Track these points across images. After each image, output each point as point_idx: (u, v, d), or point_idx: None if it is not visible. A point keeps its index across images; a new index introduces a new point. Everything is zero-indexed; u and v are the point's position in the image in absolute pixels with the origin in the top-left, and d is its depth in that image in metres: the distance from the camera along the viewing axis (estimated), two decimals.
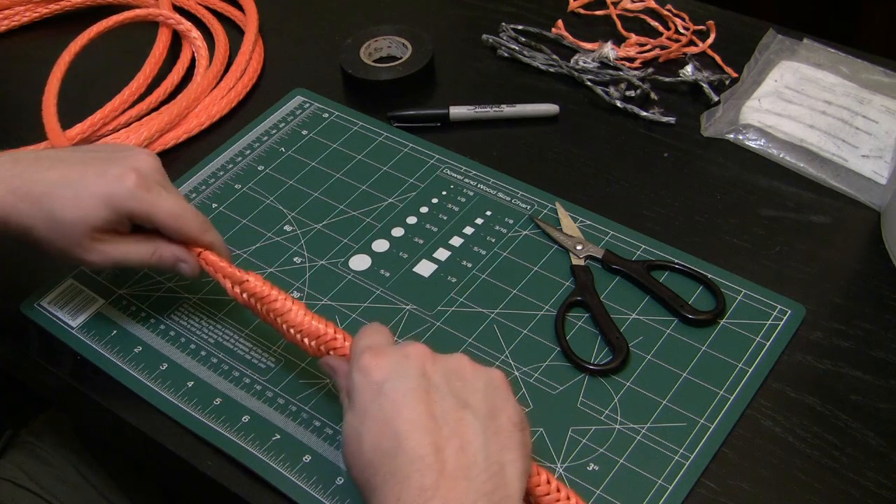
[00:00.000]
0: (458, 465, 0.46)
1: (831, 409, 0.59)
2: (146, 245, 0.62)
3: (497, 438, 0.48)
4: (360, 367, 0.50)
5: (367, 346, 0.52)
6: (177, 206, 0.61)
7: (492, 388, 0.50)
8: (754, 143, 0.75)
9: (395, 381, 0.49)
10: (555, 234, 0.69)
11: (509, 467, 0.47)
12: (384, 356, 0.50)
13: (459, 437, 0.47)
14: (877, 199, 0.71)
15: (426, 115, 0.80)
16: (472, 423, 0.48)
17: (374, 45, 0.85)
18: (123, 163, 0.61)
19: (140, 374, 0.63)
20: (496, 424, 0.48)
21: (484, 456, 0.47)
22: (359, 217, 0.73)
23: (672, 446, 0.57)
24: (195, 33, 0.86)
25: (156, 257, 0.62)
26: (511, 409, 0.50)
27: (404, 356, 0.50)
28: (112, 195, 0.59)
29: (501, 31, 0.87)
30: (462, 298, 0.66)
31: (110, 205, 0.59)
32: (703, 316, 0.63)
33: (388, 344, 0.53)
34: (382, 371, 0.49)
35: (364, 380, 0.50)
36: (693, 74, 0.80)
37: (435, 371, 0.50)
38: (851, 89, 0.78)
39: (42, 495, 0.77)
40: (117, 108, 0.80)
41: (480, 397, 0.49)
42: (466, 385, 0.50)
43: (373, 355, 0.51)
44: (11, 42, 0.93)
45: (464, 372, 0.50)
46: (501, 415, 0.49)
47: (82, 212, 0.59)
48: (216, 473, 0.59)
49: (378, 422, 0.48)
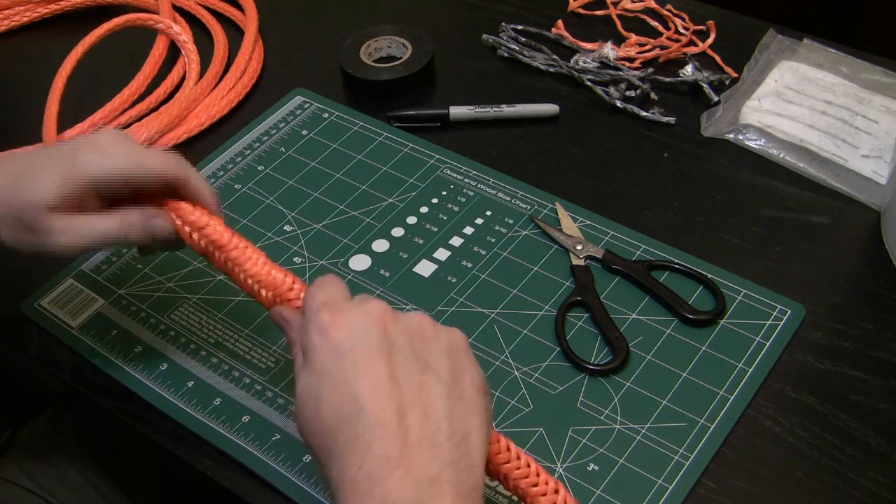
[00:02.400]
0: (423, 432, 0.44)
1: (831, 409, 0.59)
2: (114, 215, 0.57)
3: (461, 404, 0.46)
4: (317, 324, 0.48)
5: (323, 302, 0.49)
6: (137, 150, 0.57)
7: (454, 349, 0.48)
8: (754, 143, 0.75)
9: (355, 342, 0.47)
10: (555, 234, 0.69)
11: (473, 435, 0.46)
12: (344, 313, 0.48)
13: (423, 403, 0.45)
14: (877, 199, 0.71)
15: (426, 115, 0.80)
16: (435, 387, 0.46)
17: (374, 45, 0.85)
18: (80, 140, 0.58)
19: (140, 374, 0.63)
20: (459, 389, 0.47)
21: (448, 423, 0.45)
22: (359, 217, 0.73)
23: (672, 446, 0.57)
24: (185, 36, 0.86)
25: (125, 224, 0.56)
26: (474, 371, 0.48)
27: (365, 314, 0.48)
28: (68, 165, 0.55)
29: (501, 31, 0.87)
30: (462, 298, 0.66)
31: (66, 175, 0.55)
32: (703, 316, 0.63)
33: (346, 299, 0.50)
34: (342, 330, 0.47)
35: (322, 339, 0.47)
36: (693, 74, 0.80)
37: (396, 331, 0.48)
38: (851, 89, 0.78)
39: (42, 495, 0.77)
40: (117, 109, 0.80)
41: (444, 360, 0.47)
42: (428, 346, 0.48)
43: (331, 313, 0.48)
44: (11, 42, 0.93)
45: (425, 332, 0.48)
46: (464, 378, 0.47)
47: (40, 192, 0.55)
48: (216, 473, 0.59)
49: (338, 384, 0.46)
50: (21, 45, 0.93)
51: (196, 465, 0.59)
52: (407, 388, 0.46)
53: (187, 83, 0.84)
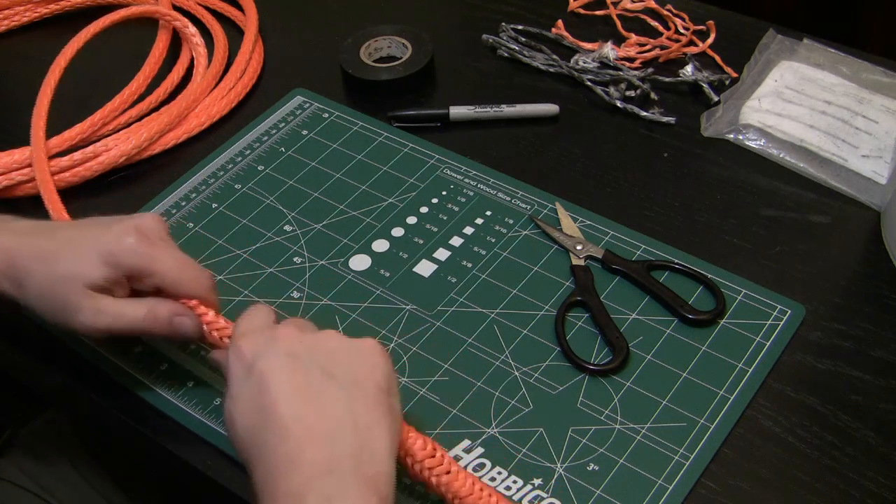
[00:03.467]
0: (322, 430, 0.48)
1: (831, 409, 0.59)
2: (141, 305, 0.58)
3: (362, 402, 0.49)
4: (233, 350, 0.52)
5: (241, 332, 0.53)
6: (180, 259, 0.59)
7: (360, 357, 0.52)
8: (754, 143, 0.75)
9: (262, 360, 0.50)
10: (555, 234, 0.69)
11: (376, 428, 0.49)
12: (254, 337, 0.52)
13: (323, 405, 0.49)
14: (877, 199, 0.71)
15: (426, 115, 0.80)
16: (335, 391, 0.49)
17: (374, 45, 0.85)
18: (127, 221, 0.59)
19: (140, 374, 0.63)
20: (361, 390, 0.50)
21: (350, 420, 0.48)
22: (359, 217, 0.73)
23: (672, 446, 0.57)
24: (192, 29, 0.86)
25: (150, 315, 0.57)
26: (378, 374, 0.51)
27: (272, 338, 0.52)
28: (112, 251, 0.57)
29: (501, 31, 0.87)
30: (462, 298, 0.66)
31: (109, 260, 0.56)
32: (703, 316, 0.63)
33: (265, 326, 0.54)
34: (251, 352, 0.51)
35: (236, 363, 0.51)
36: (693, 74, 0.80)
37: (302, 348, 0.51)
38: (851, 89, 0.78)
39: (42, 495, 0.77)
40: (117, 109, 0.80)
41: (345, 367, 0.51)
42: (333, 357, 0.51)
43: (245, 339, 0.52)
44: (11, 42, 0.93)
45: (331, 345, 0.52)
46: (367, 381, 0.50)
47: (81, 268, 0.56)
48: (216, 473, 0.59)
49: (247, 401, 0.50)
50: (21, 45, 0.93)
51: (196, 465, 0.59)
52: (309, 395, 0.49)
53: (197, 70, 0.84)
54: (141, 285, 0.58)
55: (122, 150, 0.77)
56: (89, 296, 0.56)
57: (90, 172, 0.76)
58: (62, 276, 0.56)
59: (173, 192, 0.75)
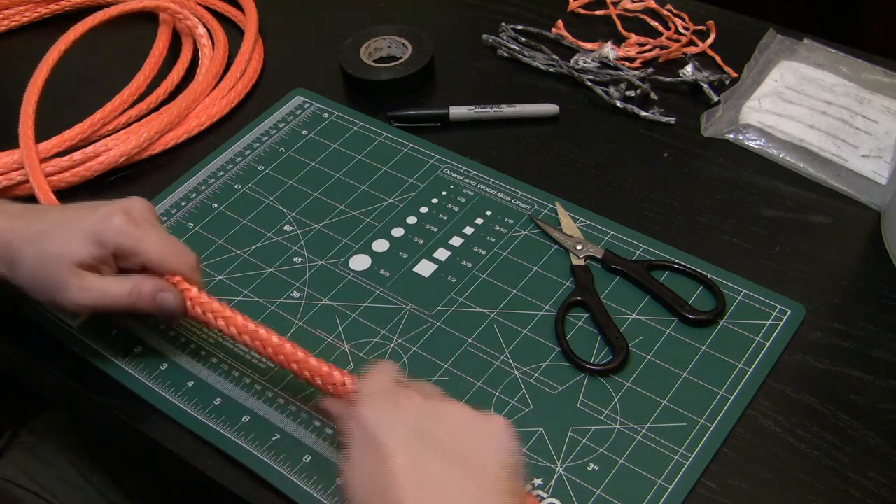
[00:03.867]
0: None
1: (831, 409, 0.59)
2: (126, 281, 0.60)
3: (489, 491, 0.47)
4: (355, 413, 0.50)
5: (365, 393, 0.52)
6: (165, 238, 0.61)
7: (488, 437, 0.49)
8: (754, 143, 0.75)
9: (385, 430, 0.48)
10: (555, 234, 0.69)
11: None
12: (376, 404, 0.50)
13: (446, 494, 0.46)
14: (877, 199, 0.71)
15: (426, 115, 0.80)
16: (461, 481, 0.47)
17: (374, 45, 0.85)
18: (114, 204, 0.61)
19: (140, 374, 0.63)
20: (489, 477, 0.47)
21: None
22: (359, 217, 0.73)
23: (672, 446, 0.57)
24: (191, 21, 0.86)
25: (135, 291, 0.59)
26: (506, 456, 0.48)
27: (397, 405, 0.50)
28: (100, 230, 0.59)
29: (501, 31, 0.87)
30: (462, 298, 0.66)
31: (97, 239, 0.59)
32: (703, 316, 0.63)
33: (390, 389, 0.52)
34: (374, 419, 0.49)
35: (357, 427, 0.49)
36: (693, 74, 0.80)
37: (427, 422, 0.49)
38: (851, 89, 0.78)
39: (42, 495, 0.77)
40: (117, 108, 0.80)
41: (472, 448, 0.48)
42: (459, 436, 0.48)
43: (368, 403, 0.50)
44: (11, 42, 0.93)
45: (457, 421, 0.49)
46: (494, 465, 0.48)
47: (69, 247, 0.58)
48: (216, 473, 0.59)
49: (367, 473, 0.48)
50: (21, 45, 0.93)
51: (196, 465, 0.59)
52: (433, 486, 0.46)
53: (202, 63, 0.84)
54: (127, 264, 0.60)
55: (122, 150, 0.77)
56: (77, 273, 0.58)
57: (90, 172, 0.76)
58: (51, 254, 0.58)
59: (173, 192, 0.75)
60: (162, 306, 0.59)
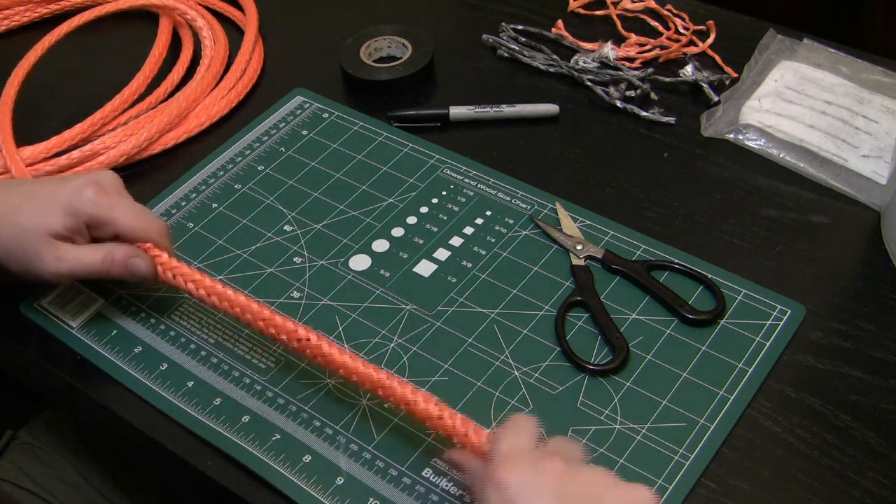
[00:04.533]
0: None
1: (831, 409, 0.59)
2: (99, 249, 0.63)
3: None
4: (494, 479, 0.47)
5: (505, 455, 0.49)
6: (135, 207, 0.64)
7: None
8: (754, 143, 0.75)
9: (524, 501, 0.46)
10: (555, 234, 0.69)
11: None
12: (519, 467, 0.48)
13: None
14: (877, 199, 0.71)
15: (426, 115, 0.80)
16: None
17: (374, 45, 0.85)
18: (84, 176, 0.63)
19: (140, 374, 0.63)
20: None
21: None
22: (359, 217, 0.73)
23: (672, 446, 0.57)
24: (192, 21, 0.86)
25: (108, 258, 0.62)
26: None
27: (539, 472, 0.47)
28: (72, 202, 0.61)
29: (501, 31, 0.87)
30: (462, 298, 0.66)
31: (69, 210, 0.61)
32: (703, 316, 0.63)
33: (529, 449, 0.50)
34: (516, 486, 0.47)
35: (496, 493, 0.47)
36: (693, 74, 0.80)
37: (571, 490, 0.47)
38: (851, 89, 0.78)
39: (42, 495, 0.77)
40: (117, 108, 0.80)
41: None
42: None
43: (509, 466, 0.48)
44: (11, 42, 0.93)
45: (603, 491, 0.47)
46: None
47: (43, 218, 0.61)
48: (216, 473, 0.59)
49: None
50: (21, 45, 0.93)
51: (196, 465, 0.59)
52: None
53: (203, 61, 0.84)
54: (100, 233, 0.63)
55: (122, 150, 0.77)
56: (51, 244, 0.61)
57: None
58: (26, 227, 0.61)
59: (173, 192, 0.75)
60: (133, 271, 0.62)
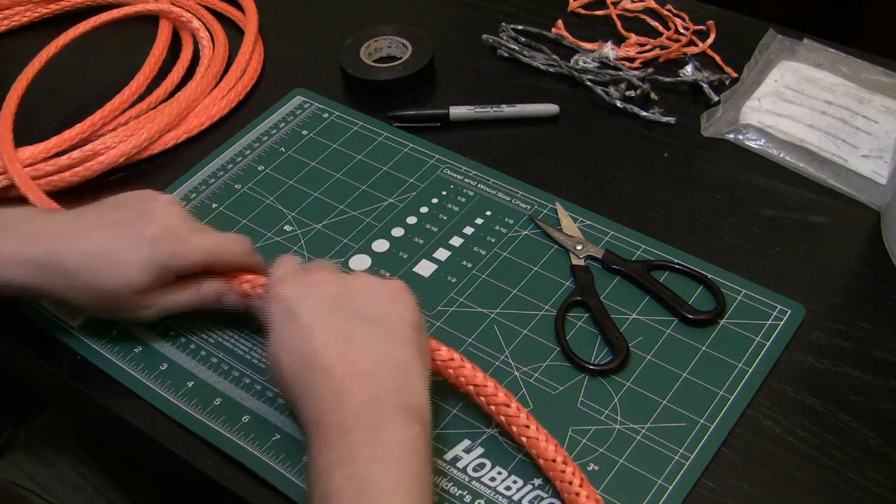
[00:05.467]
0: (364, 368, 0.52)
1: (831, 409, 0.59)
2: (190, 288, 0.62)
3: (397, 341, 0.54)
4: (273, 296, 0.56)
5: (278, 278, 0.57)
6: (213, 242, 0.62)
7: (390, 297, 0.56)
8: (754, 143, 0.75)
9: (303, 304, 0.54)
10: (555, 234, 0.69)
11: (411, 363, 0.53)
12: (293, 284, 0.56)
13: (362, 347, 0.53)
14: (877, 199, 0.71)
15: (426, 115, 0.80)
16: (371, 332, 0.54)
17: (374, 45, 0.85)
18: (152, 222, 0.60)
19: (140, 374, 0.63)
20: (395, 330, 0.54)
21: (387, 358, 0.53)
22: (359, 217, 0.73)
23: (672, 446, 0.57)
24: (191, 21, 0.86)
25: (199, 297, 0.62)
26: (408, 313, 0.55)
27: (309, 282, 0.56)
28: (151, 259, 0.59)
29: (501, 31, 0.87)
30: (462, 298, 0.66)
31: (152, 270, 0.60)
32: (703, 316, 0.63)
33: (299, 271, 0.58)
34: (292, 296, 0.55)
35: (277, 306, 0.55)
36: (693, 74, 0.80)
37: (337, 290, 0.56)
38: (851, 89, 0.78)
39: (42, 495, 0.78)
40: (117, 109, 0.80)
41: (377, 308, 0.55)
42: (366, 299, 0.55)
43: (283, 284, 0.56)
44: (11, 42, 0.93)
45: (362, 287, 0.56)
46: (398, 321, 0.55)
47: (124, 279, 0.59)
48: (216, 473, 0.59)
49: (291, 345, 0.54)
50: (21, 45, 0.93)
51: (196, 465, 0.59)
52: (348, 338, 0.53)
53: (201, 62, 0.84)
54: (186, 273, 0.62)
55: (122, 150, 0.77)
56: (141, 297, 0.61)
57: (90, 172, 0.76)
58: (109, 289, 0.60)
59: (173, 193, 0.75)
60: (226, 305, 0.63)
